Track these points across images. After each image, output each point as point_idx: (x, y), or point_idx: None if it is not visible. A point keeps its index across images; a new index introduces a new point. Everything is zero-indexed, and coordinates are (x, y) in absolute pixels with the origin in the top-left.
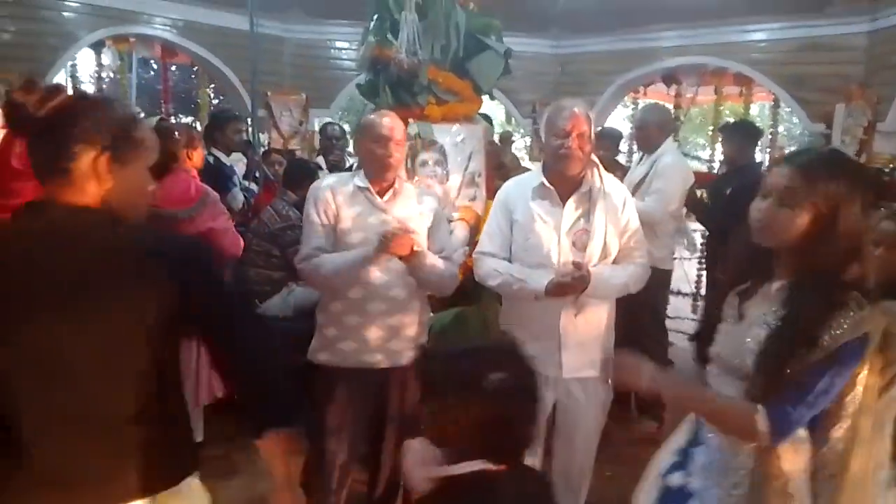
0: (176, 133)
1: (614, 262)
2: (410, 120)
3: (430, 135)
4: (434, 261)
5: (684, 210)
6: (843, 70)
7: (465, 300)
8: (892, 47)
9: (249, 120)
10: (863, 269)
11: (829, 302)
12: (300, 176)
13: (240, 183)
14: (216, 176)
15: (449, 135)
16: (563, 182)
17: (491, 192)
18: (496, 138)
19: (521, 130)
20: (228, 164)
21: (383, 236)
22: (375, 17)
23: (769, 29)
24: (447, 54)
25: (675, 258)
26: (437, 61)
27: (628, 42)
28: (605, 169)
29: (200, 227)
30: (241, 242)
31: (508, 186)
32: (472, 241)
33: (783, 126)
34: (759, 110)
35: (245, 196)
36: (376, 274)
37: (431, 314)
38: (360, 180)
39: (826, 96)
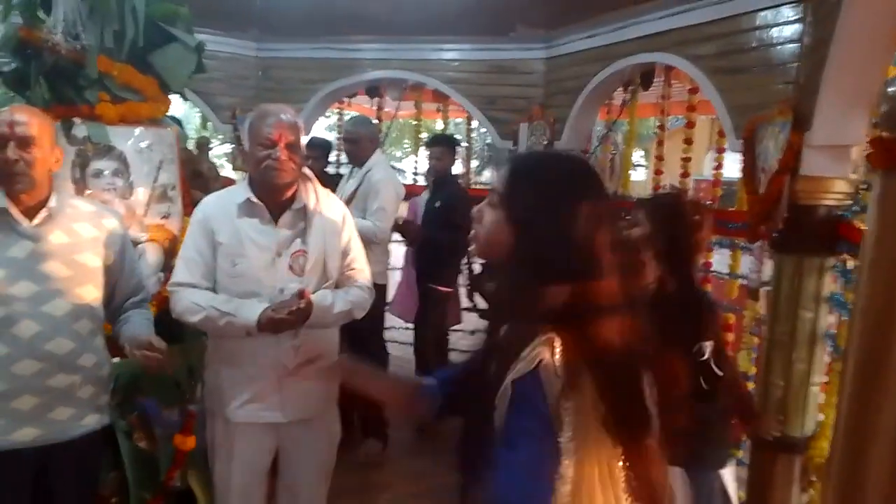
0: None
1: (336, 286)
2: (77, 120)
3: (105, 139)
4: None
5: None
6: (527, 92)
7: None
8: (563, 73)
9: None
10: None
11: (517, 335)
12: None
13: None
14: None
15: (131, 139)
16: (274, 198)
17: (189, 208)
18: (191, 144)
19: (220, 136)
20: None
21: None
22: None
23: (462, 49)
24: (122, 43)
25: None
26: (111, 51)
27: (332, 51)
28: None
29: None
30: None
31: (208, 203)
32: (168, 266)
33: (475, 141)
34: (454, 127)
35: None
36: (25, 323)
37: (115, 360)
38: None
39: (513, 115)
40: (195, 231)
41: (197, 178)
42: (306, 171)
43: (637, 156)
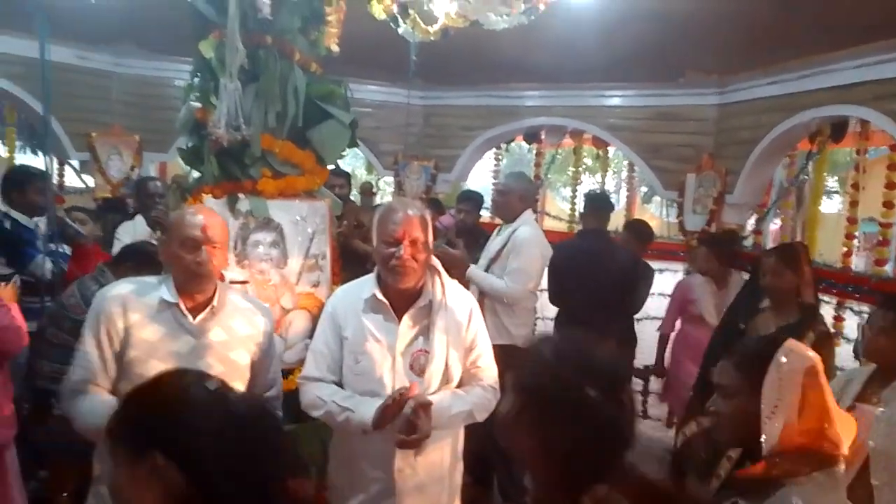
0: None
1: (458, 385)
2: (241, 195)
3: (265, 212)
4: None
5: None
6: (695, 140)
7: (299, 415)
8: (738, 122)
9: (58, 165)
10: None
11: None
12: (132, 259)
13: (45, 247)
14: (13, 243)
15: (287, 212)
16: (399, 294)
17: (337, 276)
18: (355, 188)
19: (385, 179)
20: (32, 226)
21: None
22: (199, 74)
23: (626, 96)
24: (284, 122)
25: None
26: (273, 130)
27: (493, 98)
28: (466, 235)
29: None
30: (22, 335)
31: (337, 297)
32: None
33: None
34: (621, 155)
35: (53, 261)
36: None
37: None
38: (167, 292)
39: (679, 165)
40: (325, 324)
41: (358, 229)
42: (435, 263)
43: (832, 180)
